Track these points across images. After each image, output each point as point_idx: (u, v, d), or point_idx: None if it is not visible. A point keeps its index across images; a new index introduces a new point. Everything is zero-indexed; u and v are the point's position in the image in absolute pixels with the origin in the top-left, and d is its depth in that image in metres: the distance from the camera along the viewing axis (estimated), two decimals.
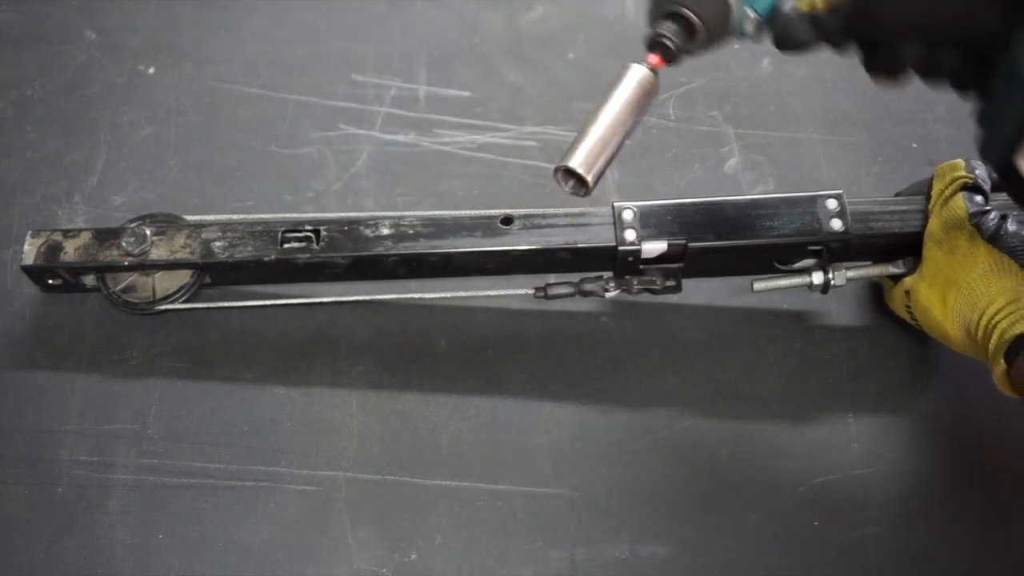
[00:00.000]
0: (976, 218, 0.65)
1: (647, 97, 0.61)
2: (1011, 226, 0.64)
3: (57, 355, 0.76)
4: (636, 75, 0.61)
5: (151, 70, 0.91)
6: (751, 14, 0.59)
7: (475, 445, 0.72)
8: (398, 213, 0.75)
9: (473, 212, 0.74)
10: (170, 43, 0.93)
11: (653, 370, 0.75)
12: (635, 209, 0.71)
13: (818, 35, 0.58)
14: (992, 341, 0.61)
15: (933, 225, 0.68)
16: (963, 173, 0.68)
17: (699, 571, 0.67)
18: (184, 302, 0.74)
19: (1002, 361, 0.60)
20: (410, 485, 0.71)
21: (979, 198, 0.67)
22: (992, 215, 0.65)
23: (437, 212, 0.75)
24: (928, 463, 0.71)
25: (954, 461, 0.72)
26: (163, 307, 0.74)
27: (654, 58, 0.61)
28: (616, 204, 0.72)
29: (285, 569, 0.68)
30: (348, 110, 0.89)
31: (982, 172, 0.68)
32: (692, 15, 0.59)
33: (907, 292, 0.70)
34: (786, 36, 0.59)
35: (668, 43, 0.60)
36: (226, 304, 0.76)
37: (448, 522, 0.69)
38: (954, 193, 0.67)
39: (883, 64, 0.58)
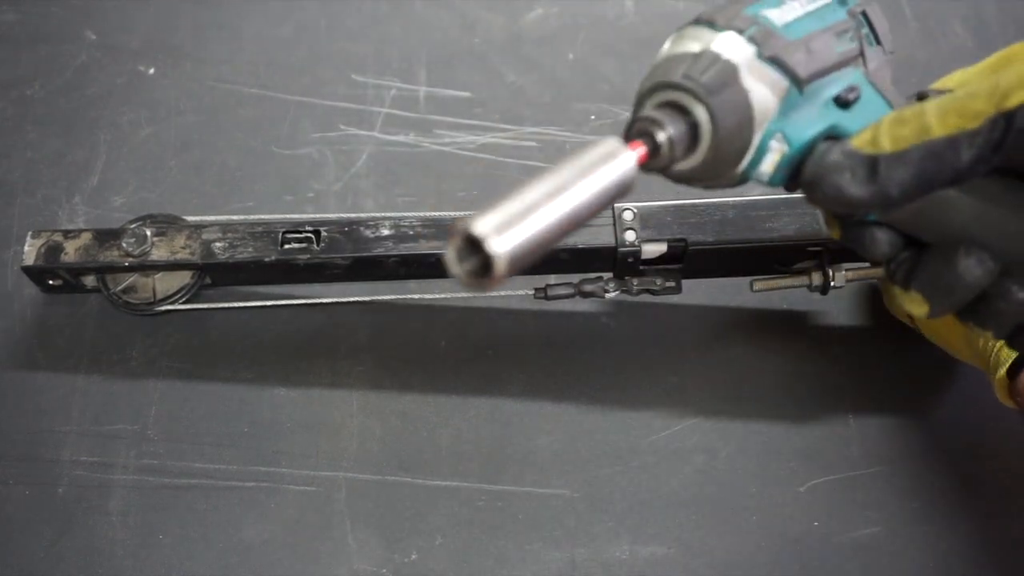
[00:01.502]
0: None
1: (617, 187, 0.39)
2: None
3: (57, 355, 0.76)
4: (612, 153, 0.39)
5: (151, 70, 0.91)
6: (776, 144, 0.42)
7: (475, 445, 0.72)
8: (398, 214, 0.75)
9: (473, 212, 0.74)
10: (170, 43, 0.93)
11: (653, 370, 0.75)
12: (635, 210, 0.71)
13: (876, 191, 0.39)
14: (993, 354, 0.61)
15: None
16: None
17: (699, 571, 0.67)
18: (184, 303, 0.74)
19: (1003, 374, 0.60)
20: (410, 485, 0.71)
21: None
22: None
23: (437, 213, 0.75)
24: (928, 463, 0.71)
25: (954, 461, 0.72)
26: (163, 308, 0.74)
27: (638, 148, 0.40)
28: (616, 205, 0.72)
29: (285, 569, 0.68)
30: (348, 110, 0.89)
31: None
32: (705, 117, 0.40)
33: None
34: (824, 184, 0.40)
35: (661, 138, 0.40)
36: (226, 304, 0.76)
37: (448, 522, 0.69)
38: None
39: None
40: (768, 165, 0.42)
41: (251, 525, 0.69)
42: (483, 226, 0.36)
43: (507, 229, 0.36)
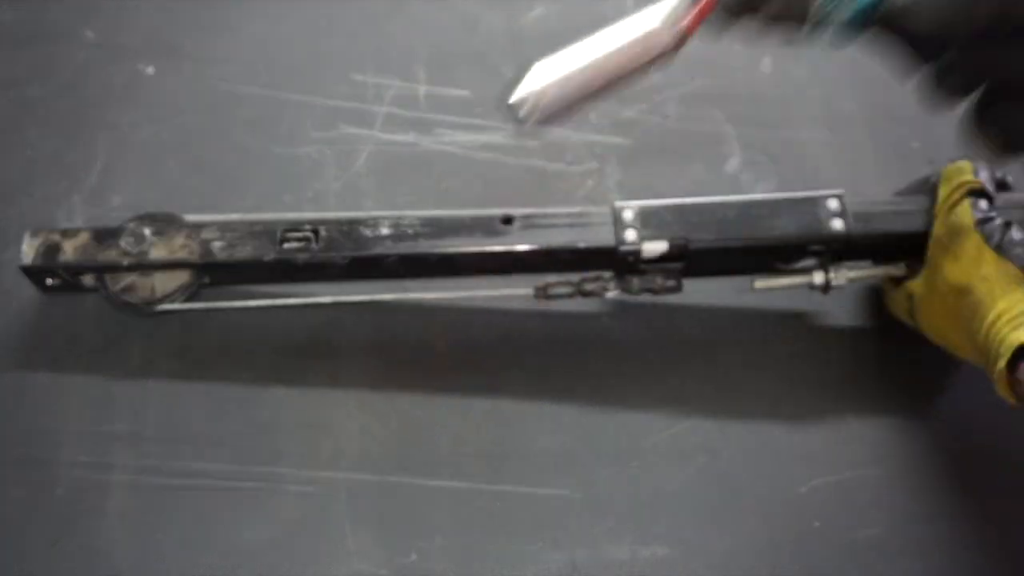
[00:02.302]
0: (981, 225, 0.65)
1: (648, 54, 0.43)
2: (1016, 234, 0.64)
3: (56, 355, 0.76)
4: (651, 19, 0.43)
5: (151, 70, 0.91)
6: None
7: (475, 445, 0.72)
8: (398, 212, 0.75)
9: (473, 212, 0.74)
10: (170, 43, 0.93)
11: (653, 370, 0.75)
12: (635, 209, 0.71)
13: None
14: (993, 347, 0.61)
15: (939, 230, 0.68)
16: (969, 177, 0.67)
17: (700, 572, 0.67)
18: (183, 302, 0.74)
19: (1003, 366, 0.60)
20: (410, 485, 0.71)
21: (984, 203, 0.67)
22: (996, 222, 0.65)
23: (437, 212, 0.75)
24: (928, 463, 0.71)
25: (955, 461, 0.72)
26: (162, 307, 0.74)
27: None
28: (616, 204, 0.72)
29: (285, 569, 0.67)
30: (348, 110, 0.89)
31: (986, 175, 0.68)
32: None
33: (910, 296, 0.70)
34: (911, 17, 0.47)
35: None
36: (226, 304, 0.76)
37: (448, 522, 0.69)
38: (961, 199, 0.67)
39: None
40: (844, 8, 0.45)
41: (251, 525, 0.69)
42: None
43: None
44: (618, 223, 0.71)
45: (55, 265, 0.73)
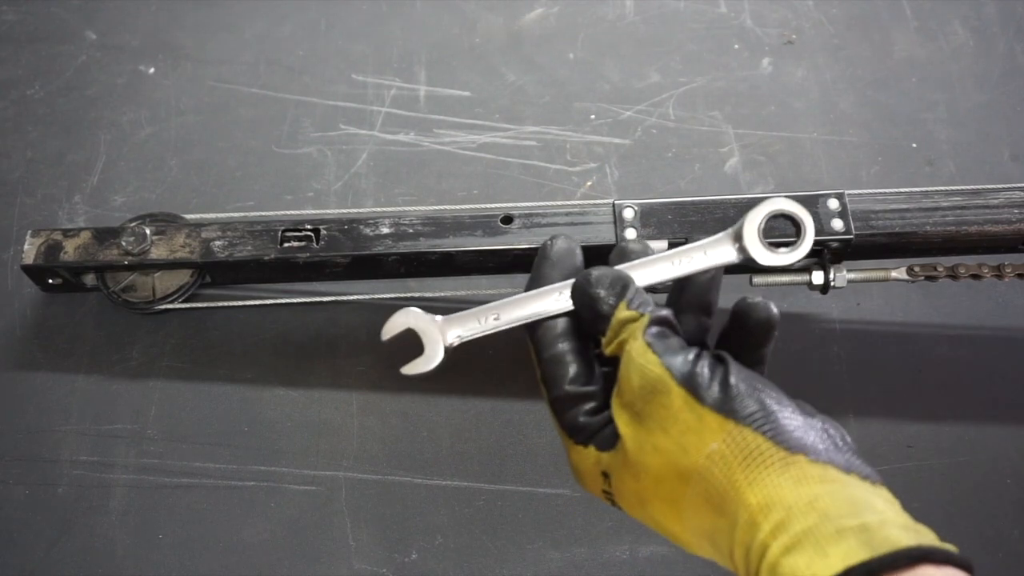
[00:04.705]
0: (683, 374, 0.45)
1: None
2: (735, 379, 0.44)
3: (57, 355, 0.76)
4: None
5: (151, 70, 0.91)
6: None
7: (475, 445, 0.72)
8: (398, 209, 0.75)
9: (473, 210, 0.74)
10: (170, 43, 0.93)
11: None
12: (636, 207, 0.71)
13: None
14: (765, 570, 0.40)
15: (621, 392, 0.47)
16: (634, 312, 0.48)
17: (699, 571, 0.67)
18: (184, 302, 0.74)
19: None
20: (410, 485, 0.71)
21: (670, 334, 0.47)
22: (701, 363, 0.45)
23: (437, 208, 0.74)
24: (928, 464, 0.71)
25: (954, 461, 0.71)
26: (163, 307, 0.74)
27: None
28: (617, 202, 0.72)
29: (285, 569, 0.67)
30: (348, 110, 0.89)
31: (650, 299, 0.50)
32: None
33: (604, 474, 0.50)
34: None
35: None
36: (226, 304, 0.76)
37: (448, 522, 0.69)
38: (635, 340, 0.47)
39: None
40: None
41: (251, 525, 0.69)
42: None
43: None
44: (618, 221, 0.71)
45: (56, 264, 0.73)
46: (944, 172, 0.85)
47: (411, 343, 0.76)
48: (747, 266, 0.52)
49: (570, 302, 0.51)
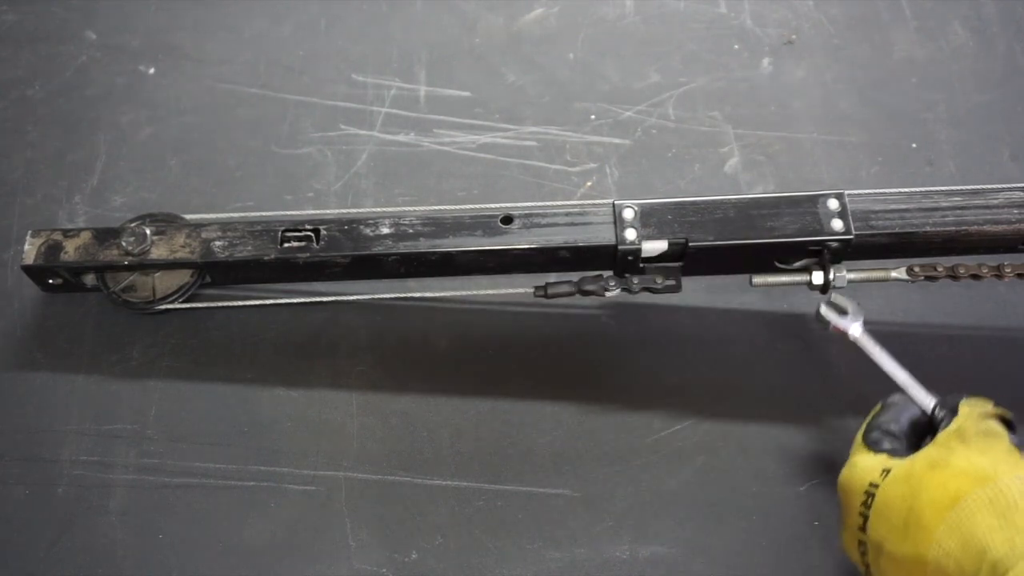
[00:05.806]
0: None
1: None
2: None
3: (57, 355, 0.76)
4: None
5: (151, 70, 0.91)
6: None
7: (475, 445, 0.72)
8: (398, 209, 0.75)
9: (473, 210, 0.74)
10: (170, 43, 0.93)
11: (653, 370, 0.75)
12: (636, 208, 0.71)
13: None
14: None
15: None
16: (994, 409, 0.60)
17: (699, 571, 0.67)
18: (184, 302, 0.74)
19: None
20: (410, 485, 0.71)
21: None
22: None
23: (437, 209, 0.74)
24: None
25: None
26: (163, 307, 0.74)
27: None
28: (617, 203, 0.72)
29: (285, 569, 0.68)
30: (348, 110, 0.89)
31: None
32: None
33: (861, 544, 0.58)
34: None
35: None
36: (226, 304, 0.76)
37: (448, 522, 0.69)
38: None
39: None
40: None
41: (251, 525, 0.69)
42: None
43: None
44: (618, 222, 0.71)
45: (57, 264, 0.73)
46: (944, 172, 0.85)
47: (411, 343, 0.77)
48: None
49: (929, 402, 0.64)
